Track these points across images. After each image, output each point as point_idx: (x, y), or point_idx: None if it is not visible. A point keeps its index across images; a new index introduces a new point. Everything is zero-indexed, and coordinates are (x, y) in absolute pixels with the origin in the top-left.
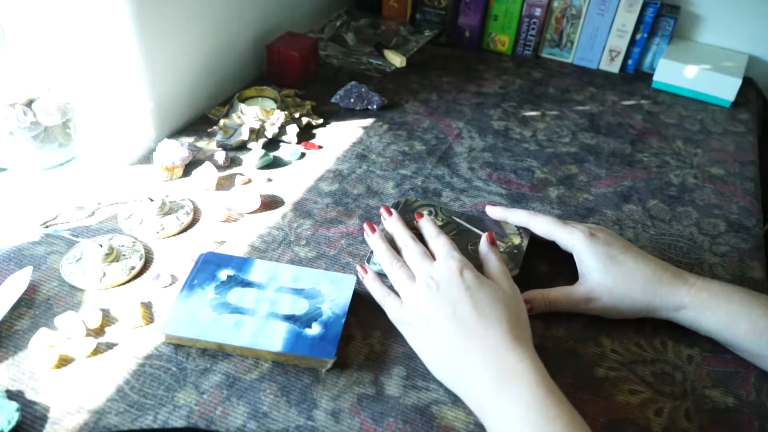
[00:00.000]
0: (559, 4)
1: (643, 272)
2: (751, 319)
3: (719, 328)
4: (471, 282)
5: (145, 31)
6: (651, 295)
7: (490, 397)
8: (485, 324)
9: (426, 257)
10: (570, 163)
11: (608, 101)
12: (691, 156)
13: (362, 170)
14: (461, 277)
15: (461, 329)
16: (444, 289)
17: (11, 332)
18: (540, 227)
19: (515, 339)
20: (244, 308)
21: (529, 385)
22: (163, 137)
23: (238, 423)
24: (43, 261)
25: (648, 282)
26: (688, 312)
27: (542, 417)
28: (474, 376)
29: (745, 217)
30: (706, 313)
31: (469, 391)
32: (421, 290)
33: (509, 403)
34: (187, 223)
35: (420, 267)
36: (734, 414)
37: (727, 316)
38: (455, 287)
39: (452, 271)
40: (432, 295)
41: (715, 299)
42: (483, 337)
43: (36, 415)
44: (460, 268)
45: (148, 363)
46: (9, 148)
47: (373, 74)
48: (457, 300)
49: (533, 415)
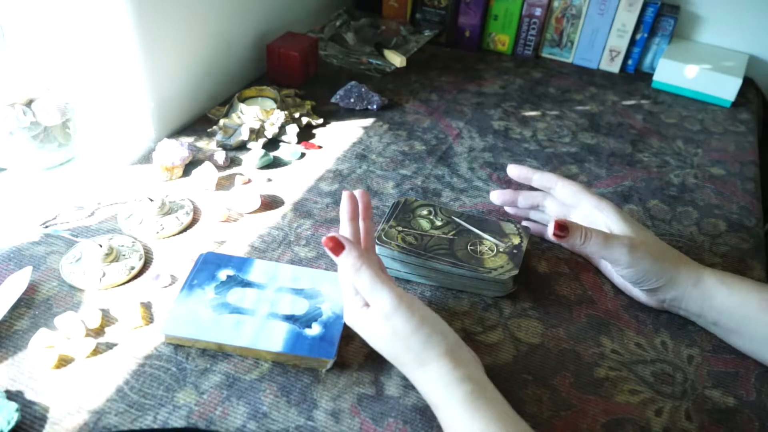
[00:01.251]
0: (559, 4)
1: (666, 245)
2: (762, 295)
3: (732, 305)
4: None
5: (145, 31)
6: (677, 260)
7: (441, 406)
8: (424, 355)
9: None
10: (570, 163)
11: (608, 101)
12: (691, 156)
13: (362, 170)
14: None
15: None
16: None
17: (11, 332)
18: (569, 187)
19: (455, 361)
20: (244, 308)
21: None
22: (163, 137)
23: (238, 423)
24: (43, 261)
25: (672, 251)
26: (706, 286)
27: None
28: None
29: (745, 217)
30: (722, 289)
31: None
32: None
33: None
34: (187, 223)
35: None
36: (734, 414)
37: (740, 292)
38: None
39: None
40: (382, 325)
41: (730, 277)
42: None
43: (36, 415)
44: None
45: (148, 363)
46: (9, 148)
47: (373, 74)
48: (400, 336)
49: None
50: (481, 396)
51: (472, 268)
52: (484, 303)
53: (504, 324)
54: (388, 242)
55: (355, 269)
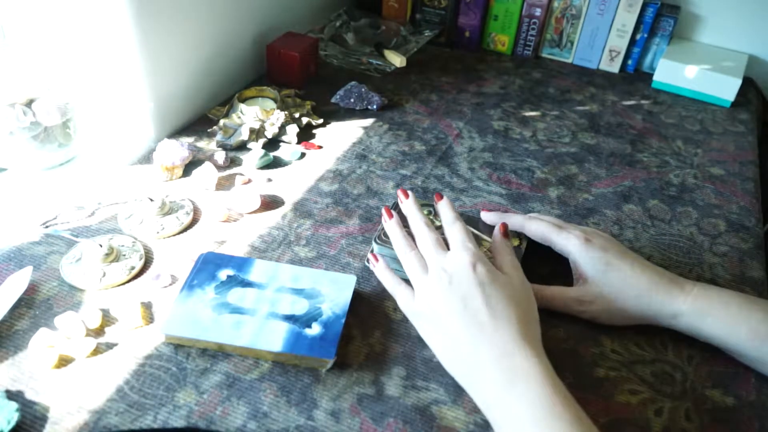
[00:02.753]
0: (559, 4)
1: (638, 279)
2: (750, 325)
3: (719, 335)
4: (484, 277)
5: (145, 31)
6: (646, 303)
7: (497, 395)
8: (496, 322)
9: (439, 247)
10: (570, 163)
11: (608, 101)
12: (691, 156)
13: (362, 170)
14: (474, 271)
15: (471, 326)
16: (456, 283)
17: (11, 332)
18: (535, 232)
19: (524, 337)
20: (244, 308)
21: (536, 384)
22: (163, 137)
23: (238, 423)
24: (43, 261)
25: (642, 290)
26: (687, 319)
27: (548, 415)
28: (482, 373)
29: (745, 217)
30: (706, 320)
31: (476, 388)
32: (433, 282)
33: (515, 402)
34: (187, 223)
35: (433, 257)
36: (734, 414)
37: (726, 322)
38: (467, 282)
39: (465, 264)
40: (443, 289)
41: (714, 306)
42: (492, 335)
43: (36, 415)
44: (474, 261)
45: (148, 363)
46: (9, 148)
47: (373, 74)
48: (469, 295)
49: (539, 413)
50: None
51: None
52: None
53: None
54: (388, 241)
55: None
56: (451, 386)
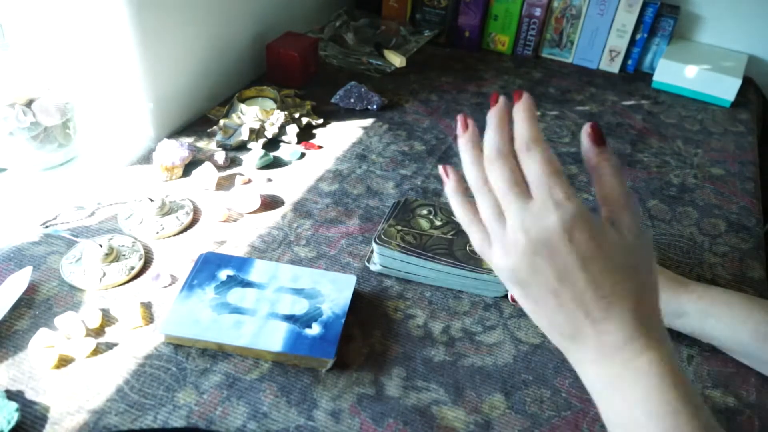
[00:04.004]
0: (559, 4)
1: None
2: (753, 326)
3: (722, 335)
4: (586, 249)
5: (145, 31)
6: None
7: (604, 389)
8: (603, 305)
9: (518, 193)
10: (570, 163)
11: (608, 101)
12: (691, 156)
13: (362, 170)
14: (571, 242)
15: (569, 311)
16: (545, 256)
17: (11, 332)
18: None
19: (640, 321)
20: (244, 308)
21: (648, 382)
22: (163, 137)
23: (238, 423)
24: (43, 261)
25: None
26: (690, 320)
27: (662, 412)
28: (585, 366)
29: (745, 217)
30: (709, 320)
31: (577, 367)
32: (511, 245)
33: (624, 397)
34: (187, 223)
35: (510, 207)
36: (734, 414)
37: (730, 323)
38: (563, 256)
39: (556, 231)
40: (527, 257)
41: (717, 306)
42: (598, 323)
43: (36, 415)
44: (569, 226)
45: (148, 363)
46: (9, 148)
47: (373, 74)
48: (565, 274)
49: (654, 407)
50: None
51: (472, 268)
52: (484, 303)
53: (504, 324)
54: (388, 241)
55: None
56: (451, 386)
